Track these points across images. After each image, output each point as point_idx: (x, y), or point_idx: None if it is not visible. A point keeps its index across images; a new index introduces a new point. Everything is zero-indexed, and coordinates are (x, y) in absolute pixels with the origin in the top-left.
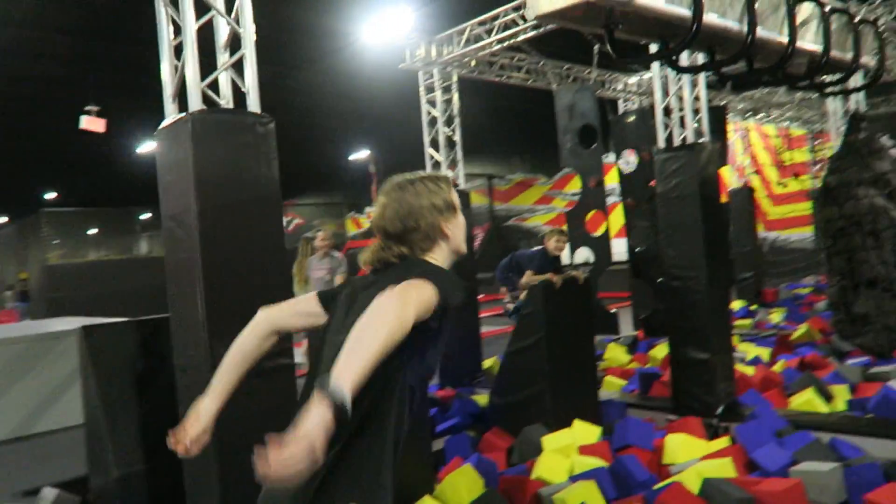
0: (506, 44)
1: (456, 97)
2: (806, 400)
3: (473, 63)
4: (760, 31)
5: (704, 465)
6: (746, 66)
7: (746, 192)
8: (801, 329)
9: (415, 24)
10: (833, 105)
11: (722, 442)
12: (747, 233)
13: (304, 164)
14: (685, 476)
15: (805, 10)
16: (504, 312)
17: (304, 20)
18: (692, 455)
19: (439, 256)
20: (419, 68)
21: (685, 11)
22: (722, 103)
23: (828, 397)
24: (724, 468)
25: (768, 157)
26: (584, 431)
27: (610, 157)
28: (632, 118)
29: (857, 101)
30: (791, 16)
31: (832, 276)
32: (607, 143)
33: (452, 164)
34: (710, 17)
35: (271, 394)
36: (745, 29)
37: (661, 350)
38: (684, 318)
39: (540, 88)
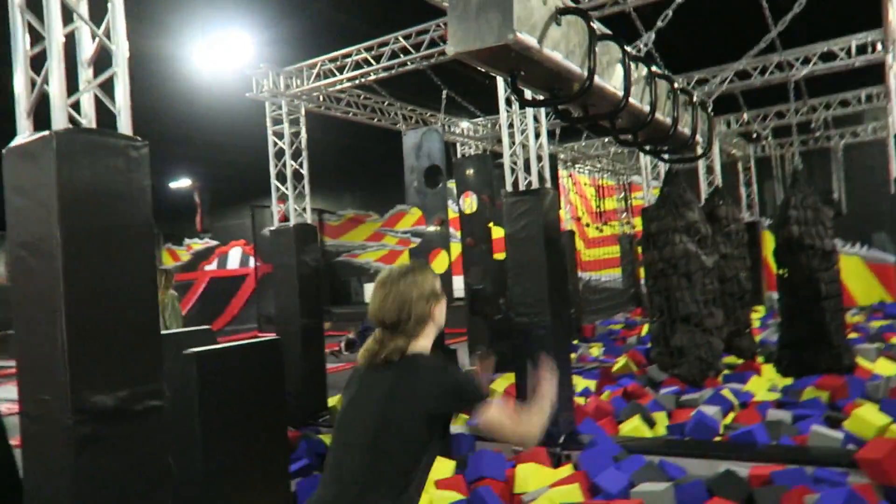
0: (356, 82)
1: (304, 130)
2: (634, 427)
3: (321, 98)
4: (599, 80)
5: (554, 492)
6: (582, 112)
7: (568, 234)
8: (620, 362)
9: (264, 55)
10: (644, 160)
11: (566, 469)
12: (569, 273)
13: None
14: (540, 503)
15: (638, 70)
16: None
17: (137, 42)
18: (541, 483)
19: (428, 335)
20: (266, 98)
21: (576, 67)
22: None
23: (651, 423)
24: (573, 494)
25: (582, 203)
26: (439, 466)
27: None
28: (472, 162)
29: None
30: (627, 72)
31: (653, 313)
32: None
33: (299, 198)
34: (569, 64)
35: (140, 438)
36: (586, 74)
37: (499, 384)
38: (529, 352)
39: (379, 126)
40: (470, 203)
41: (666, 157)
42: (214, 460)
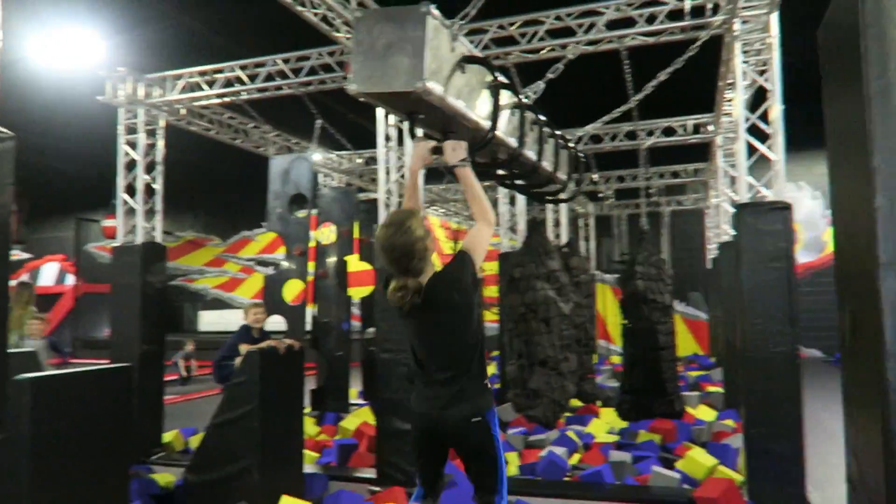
0: (226, 100)
1: (161, 143)
2: None
3: (183, 111)
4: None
5: None
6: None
7: None
8: None
9: (120, 59)
10: (502, 209)
11: None
12: None
13: None
14: None
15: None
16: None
17: None
18: None
19: (431, 265)
20: (122, 105)
21: (473, 115)
22: None
23: None
24: None
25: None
26: None
27: None
28: (335, 194)
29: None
30: (522, 123)
31: (512, 355)
32: None
33: (149, 215)
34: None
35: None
36: (486, 124)
37: (350, 421)
38: (391, 389)
39: (234, 148)
40: (328, 234)
41: (548, 198)
42: (43, 497)
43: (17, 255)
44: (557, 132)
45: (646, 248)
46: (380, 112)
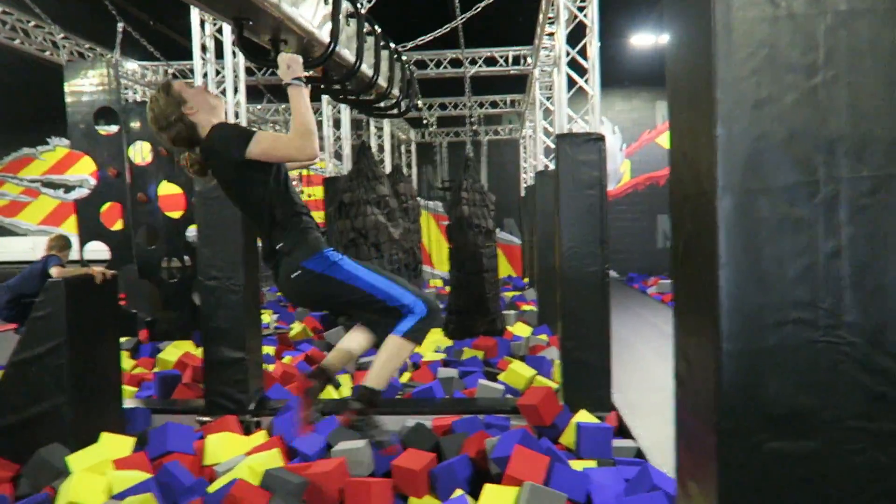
0: None
1: None
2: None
3: None
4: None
5: (253, 459)
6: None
7: None
8: (297, 328)
9: None
10: (327, 131)
11: (260, 436)
12: None
13: None
14: (240, 472)
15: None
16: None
17: None
18: (234, 453)
19: (202, 116)
20: None
21: (308, 25)
22: None
23: (336, 385)
24: (273, 459)
25: None
26: (115, 444)
27: None
28: (138, 110)
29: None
30: (360, 34)
31: None
32: None
33: None
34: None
35: None
36: (322, 36)
37: (171, 353)
38: (219, 317)
39: (15, 51)
40: (143, 153)
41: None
42: None
43: None
44: (392, 45)
45: (471, 175)
46: (195, 19)
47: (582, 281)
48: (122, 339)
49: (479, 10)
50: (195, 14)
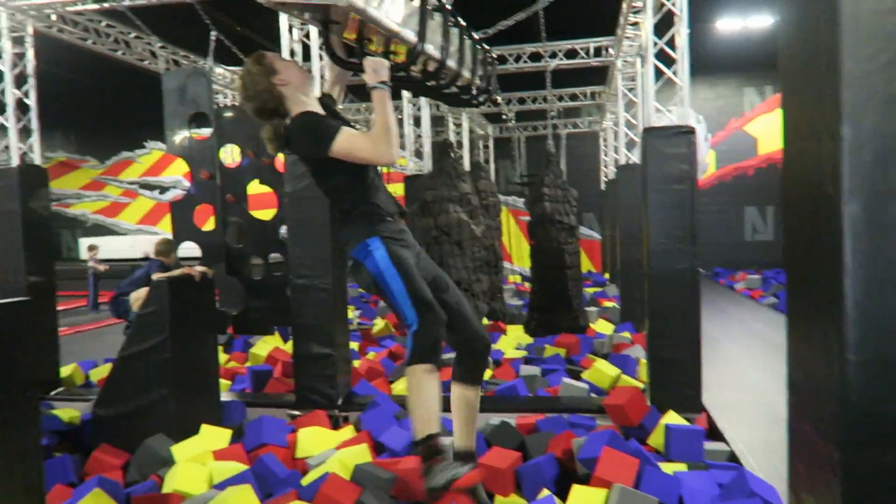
0: (105, 5)
1: (31, 53)
2: (405, 385)
3: (54, 17)
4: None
5: (343, 453)
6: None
7: None
8: (380, 324)
9: None
10: (408, 130)
11: (348, 431)
12: None
13: None
14: (331, 466)
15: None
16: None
17: None
18: (324, 446)
19: (298, 99)
20: None
21: (395, 26)
22: None
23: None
24: (362, 454)
25: None
26: (214, 436)
27: None
28: (233, 114)
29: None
30: (446, 30)
31: None
32: None
33: (24, 134)
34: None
35: None
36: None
37: (261, 348)
38: (309, 315)
39: (118, 61)
40: (232, 156)
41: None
42: None
43: None
44: (475, 36)
45: (552, 170)
46: (283, 24)
47: (671, 278)
48: None
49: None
50: (283, 20)
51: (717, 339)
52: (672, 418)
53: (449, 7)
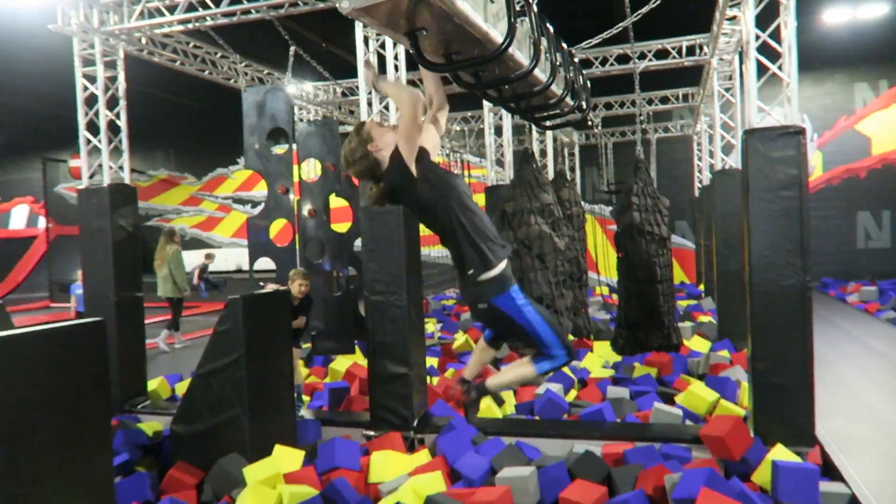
0: (189, 26)
1: (122, 76)
2: (485, 407)
3: (143, 40)
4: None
5: (417, 481)
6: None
7: None
8: (460, 339)
9: None
10: (488, 139)
11: (423, 455)
12: None
13: None
14: (404, 494)
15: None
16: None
17: None
18: (398, 471)
19: (386, 150)
20: (75, 34)
21: (483, 25)
22: None
23: (499, 402)
24: (436, 482)
25: None
26: (287, 457)
27: None
28: (314, 128)
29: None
30: (536, 32)
31: None
32: None
33: (115, 154)
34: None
35: None
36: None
37: (341, 363)
38: (384, 332)
39: (206, 80)
40: (311, 170)
41: (548, 123)
42: (14, 469)
43: None
44: (565, 46)
45: (641, 177)
46: (359, 36)
47: (777, 295)
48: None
49: (655, 4)
50: (359, 31)
51: (830, 359)
52: (780, 453)
53: (535, 11)
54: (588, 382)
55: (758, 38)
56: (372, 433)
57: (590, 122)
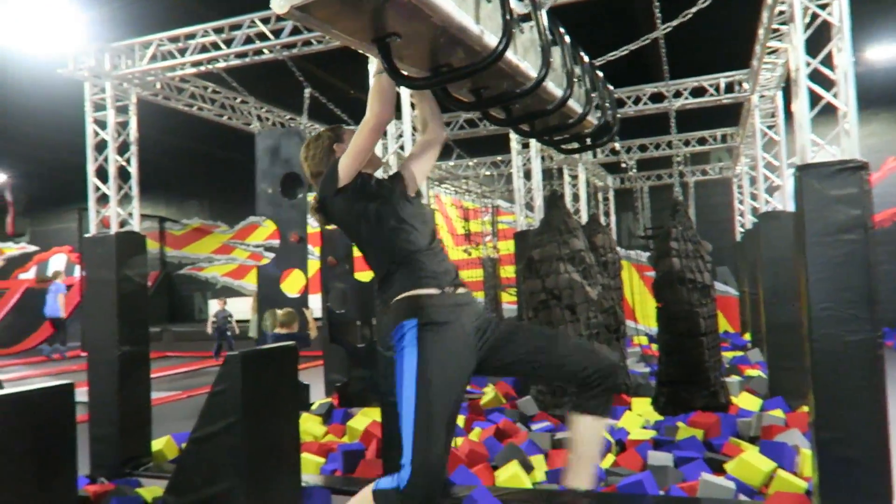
0: (201, 68)
1: (134, 121)
2: (513, 474)
3: (157, 85)
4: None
5: None
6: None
7: None
8: (489, 394)
9: (94, 33)
10: (517, 183)
11: None
12: None
13: None
14: None
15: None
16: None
17: None
18: None
19: (343, 157)
20: (86, 78)
21: (473, 26)
22: None
23: (528, 468)
24: None
25: (446, 224)
26: None
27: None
28: None
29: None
30: (544, 38)
31: None
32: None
33: (124, 201)
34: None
35: None
36: (487, 39)
37: (359, 421)
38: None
39: (230, 127)
40: None
41: (569, 146)
42: None
43: (23, 247)
44: (586, 59)
45: (680, 221)
46: (372, 70)
47: (842, 352)
48: (315, 405)
49: (687, 17)
50: (372, 68)
51: None
52: None
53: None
54: (626, 445)
55: (808, 64)
56: None
57: (623, 165)
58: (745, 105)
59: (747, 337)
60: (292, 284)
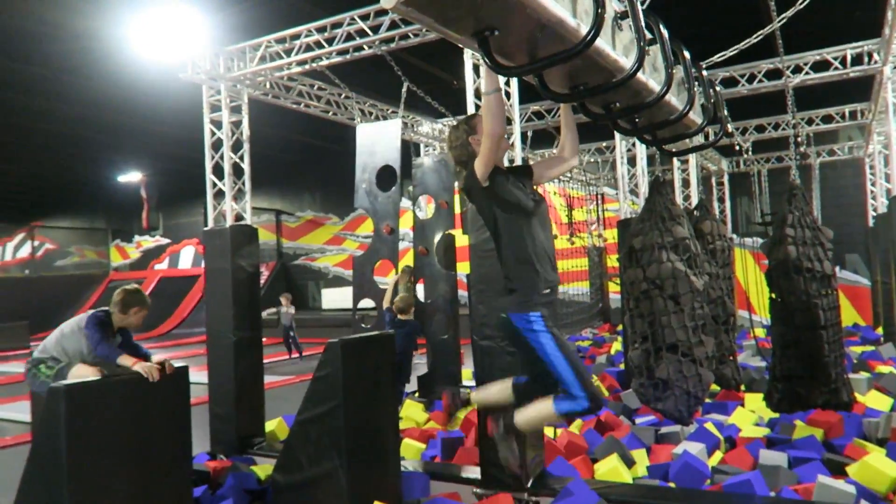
0: (306, 67)
1: (246, 120)
2: (612, 468)
3: (268, 85)
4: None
5: None
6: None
7: None
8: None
9: (212, 36)
10: (621, 169)
11: None
12: None
13: (59, 181)
14: None
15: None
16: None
17: (63, 18)
18: None
19: (481, 151)
20: (203, 81)
21: (570, 18)
22: None
23: (629, 462)
24: None
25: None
26: None
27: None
28: (432, 164)
29: (645, 168)
30: (638, 29)
31: (634, 339)
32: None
33: (238, 196)
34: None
35: None
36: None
37: (463, 410)
38: (493, 380)
39: (338, 122)
40: (427, 208)
41: (671, 146)
42: None
43: (157, 240)
44: (687, 55)
45: (797, 206)
46: (468, 63)
47: None
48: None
49: (803, 4)
50: (468, 58)
51: None
52: None
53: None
54: (737, 443)
55: None
56: (481, 491)
57: (737, 148)
58: (877, 78)
59: (880, 331)
60: (384, 274)
